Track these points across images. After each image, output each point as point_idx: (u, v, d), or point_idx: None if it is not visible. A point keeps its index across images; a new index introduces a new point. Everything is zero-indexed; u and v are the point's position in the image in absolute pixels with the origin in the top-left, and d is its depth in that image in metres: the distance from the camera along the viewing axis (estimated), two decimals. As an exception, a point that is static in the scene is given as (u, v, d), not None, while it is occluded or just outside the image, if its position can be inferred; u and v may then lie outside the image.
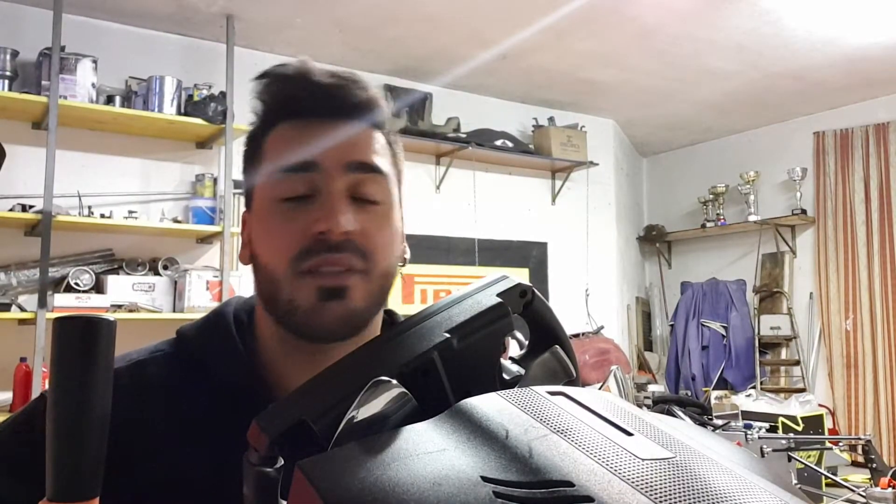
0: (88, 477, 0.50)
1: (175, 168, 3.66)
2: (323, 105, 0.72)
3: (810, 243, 5.08)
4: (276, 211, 0.70)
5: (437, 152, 4.47)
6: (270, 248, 0.71)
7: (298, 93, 0.72)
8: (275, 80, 0.74)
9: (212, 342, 0.76)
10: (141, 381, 0.74)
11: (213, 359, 0.75)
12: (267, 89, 0.74)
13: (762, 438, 2.70)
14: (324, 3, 3.45)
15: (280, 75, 0.74)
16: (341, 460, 0.39)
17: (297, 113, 0.73)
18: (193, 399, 0.73)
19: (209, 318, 0.79)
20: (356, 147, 0.72)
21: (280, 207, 0.70)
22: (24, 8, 3.36)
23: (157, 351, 0.78)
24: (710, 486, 0.34)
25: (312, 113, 0.72)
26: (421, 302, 4.38)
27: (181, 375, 0.74)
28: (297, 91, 0.72)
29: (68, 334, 0.51)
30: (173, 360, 0.76)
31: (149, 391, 0.73)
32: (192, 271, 3.36)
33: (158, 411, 0.71)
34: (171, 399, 0.73)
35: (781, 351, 5.17)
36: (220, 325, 0.77)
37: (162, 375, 0.74)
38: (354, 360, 0.51)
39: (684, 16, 3.60)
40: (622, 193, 5.58)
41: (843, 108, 4.91)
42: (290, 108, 0.73)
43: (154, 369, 0.75)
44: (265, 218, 0.72)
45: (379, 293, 0.72)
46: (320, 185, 0.69)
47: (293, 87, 0.73)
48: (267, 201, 0.71)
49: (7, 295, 3.15)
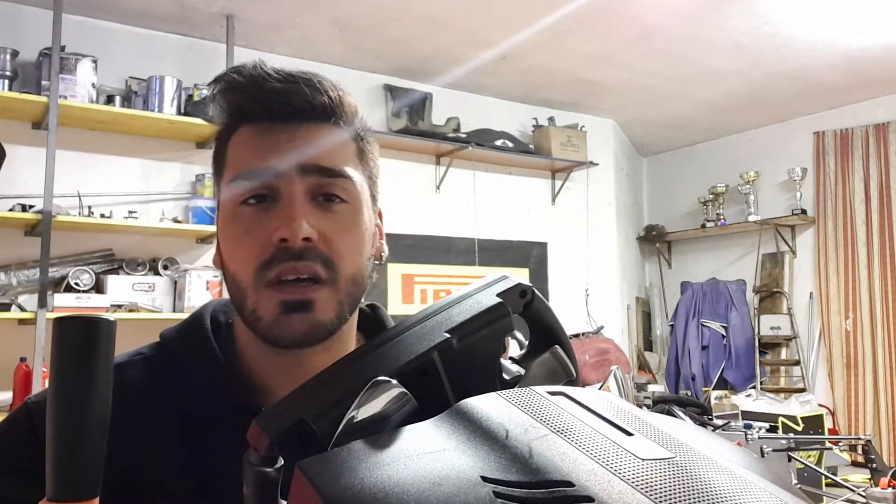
0: (88, 477, 0.50)
1: (175, 168, 3.66)
2: (279, 109, 0.71)
3: (810, 243, 5.08)
4: (238, 217, 0.70)
5: (437, 152, 4.47)
6: (235, 256, 0.71)
7: (250, 99, 0.71)
8: (228, 86, 0.73)
9: (189, 345, 0.77)
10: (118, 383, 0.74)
11: (190, 362, 0.75)
12: (223, 95, 0.73)
13: (762, 438, 2.70)
14: (324, 3, 3.45)
15: (231, 82, 0.72)
16: (341, 460, 0.39)
17: (254, 117, 0.72)
18: (171, 401, 0.73)
19: (188, 320, 0.80)
20: (314, 150, 0.70)
21: (241, 212, 0.70)
22: (24, 8, 3.36)
23: (137, 354, 0.78)
24: (711, 486, 0.34)
25: (269, 117, 0.71)
26: (421, 302, 4.38)
27: (160, 378, 0.75)
28: (249, 98, 0.71)
29: (68, 334, 0.51)
30: (153, 363, 0.77)
31: (126, 395, 0.72)
32: (192, 271, 3.36)
33: (135, 413, 0.71)
34: (148, 401, 0.73)
35: (781, 351, 5.17)
36: (198, 328, 0.78)
37: (139, 378, 0.75)
38: (354, 360, 0.51)
39: (684, 16, 3.60)
40: (622, 193, 5.58)
41: (843, 109, 4.91)
42: (246, 113, 0.72)
43: (132, 372, 0.75)
44: (229, 224, 0.71)
45: (347, 300, 0.71)
46: (280, 190, 0.69)
47: (245, 95, 0.71)
48: (229, 207, 0.71)
49: (7, 295, 3.15)
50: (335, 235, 0.69)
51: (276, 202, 0.69)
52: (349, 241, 0.71)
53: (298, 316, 0.67)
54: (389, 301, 4.26)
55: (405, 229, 4.30)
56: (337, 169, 0.71)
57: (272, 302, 0.67)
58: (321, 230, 0.68)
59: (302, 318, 0.67)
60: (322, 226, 0.69)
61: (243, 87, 0.71)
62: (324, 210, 0.70)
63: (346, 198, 0.71)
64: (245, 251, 0.69)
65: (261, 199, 0.69)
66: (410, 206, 4.36)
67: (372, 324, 0.82)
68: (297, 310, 0.67)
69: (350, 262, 0.70)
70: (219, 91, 0.73)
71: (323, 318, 0.68)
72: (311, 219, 0.68)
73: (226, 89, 0.73)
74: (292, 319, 0.67)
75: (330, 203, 0.70)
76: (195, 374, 0.74)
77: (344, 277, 0.70)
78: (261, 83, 0.70)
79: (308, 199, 0.69)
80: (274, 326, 0.68)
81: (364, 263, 0.73)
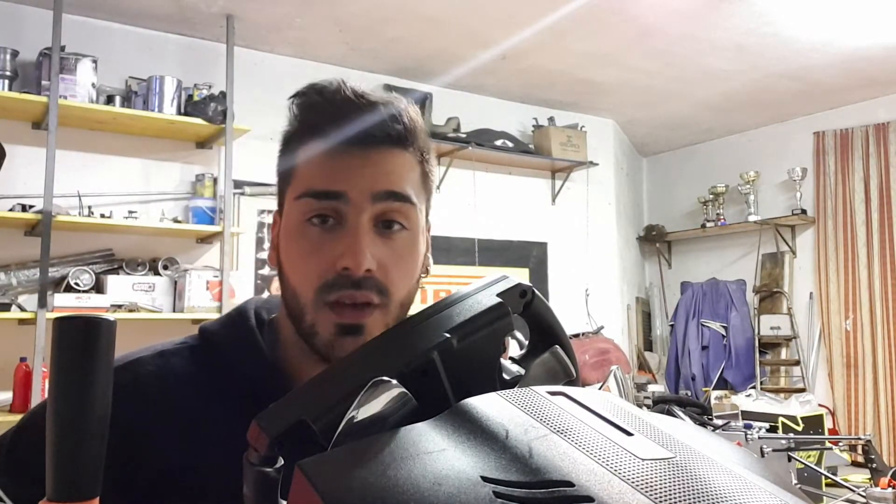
0: (88, 477, 0.50)
1: (175, 168, 3.66)
2: (358, 134, 0.72)
3: (810, 243, 5.08)
4: (304, 233, 0.73)
5: (437, 152, 4.46)
6: (297, 272, 0.74)
7: (332, 120, 0.73)
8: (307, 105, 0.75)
9: (234, 337, 0.79)
10: (164, 370, 0.77)
11: (234, 353, 0.78)
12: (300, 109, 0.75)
13: (762, 438, 2.70)
14: (324, 3, 3.45)
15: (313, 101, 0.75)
16: (341, 460, 0.39)
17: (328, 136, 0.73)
18: (215, 391, 0.75)
19: (231, 314, 0.82)
20: (385, 176, 0.72)
21: (308, 230, 0.72)
22: (24, 8, 3.36)
23: (183, 343, 0.81)
24: (711, 486, 0.34)
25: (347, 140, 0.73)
26: (421, 302, 4.36)
27: (205, 368, 0.77)
28: (331, 118, 0.73)
29: (68, 334, 0.51)
30: (198, 352, 0.79)
31: (172, 380, 0.76)
32: (191, 271, 3.36)
33: (181, 400, 0.74)
34: (194, 389, 0.75)
35: (781, 351, 5.17)
36: (242, 321, 0.81)
37: (186, 366, 0.77)
38: (354, 360, 0.51)
39: (684, 16, 3.60)
40: (622, 193, 5.58)
41: (843, 109, 4.91)
42: (322, 131, 0.74)
43: (178, 360, 0.78)
44: (294, 237, 0.74)
45: (394, 322, 0.74)
46: (347, 215, 0.71)
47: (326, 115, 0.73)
48: (295, 221, 0.74)
49: (7, 295, 3.15)
50: (392, 264, 0.72)
51: (341, 225, 0.71)
52: (404, 269, 0.74)
53: (351, 339, 0.71)
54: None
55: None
56: (405, 194, 0.73)
57: (329, 322, 0.71)
58: (380, 259, 0.71)
59: (353, 340, 0.71)
60: (382, 254, 0.72)
61: (323, 109, 0.73)
62: (384, 237, 0.73)
63: (406, 225, 0.74)
64: (308, 270, 0.72)
65: (325, 220, 0.72)
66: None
67: None
68: (351, 332, 0.71)
69: (402, 288, 0.74)
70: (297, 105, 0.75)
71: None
72: (373, 248, 0.71)
73: (305, 106, 0.75)
74: (346, 342, 0.71)
75: (390, 230, 0.73)
76: (239, 366, 0.77)
77: (395, 302, 0.73)
78: (341, 107, 0.73)
79: (371, 225, 0.72)
80: (329, 346, 0.72)
81: (414, 287, 0.77)
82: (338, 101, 0.73)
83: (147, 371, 0.76)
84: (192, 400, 0.74)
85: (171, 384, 0.75)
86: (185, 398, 0.74)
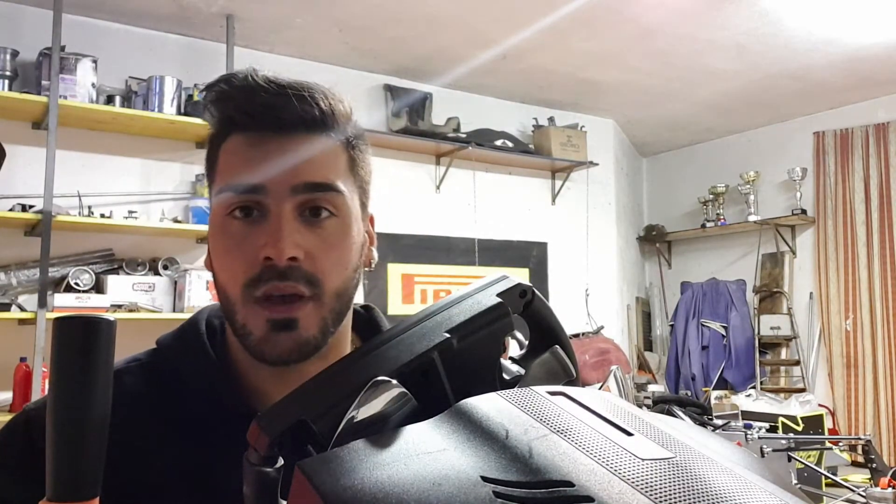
0: (88, 477, 0.50)
1: (175, 168, 3.66)
2: (267, 122, 0.70)
3: (810, 243, 5.08)
4: (227, 229, 0.70)
5: (436, 152, 4.47)
6: (224, 269, 0.71)
7: (240, 111, 0.71)
8: (217, 95, 0.72)
9: (185, 351, 0.77)
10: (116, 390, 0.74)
11: (186, 367, 0.76)
12: (214, 103, 0.73)
13: (762, 438, 2.70)
14: (324, 3, 3.45)
15: (221, 91, 0.72)
16: (341, 460, 0.39)
17: (244, 128, 0.71)
18: (169, 406, 0.74)
19: (184, 326, 0.80)
20: (305, 166, 0.70)
21: (230, 225, 0.70)
22: (24, 8, 3.36)
23: (133, 361, 0.79)
24: (710, 485, 0.34)
25: (258, 128, 0.71)
26: (421, 302, 4.38)
27: (156, 384, 0.76)
28: (239, 109, 0.71)
29: (68, 334, 0.51)
30: (149, 369, 0.78)
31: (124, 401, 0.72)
32: (191, 271, 3.36)
33: (134, 420, 0.72)
34: (144, 407, 0.74)
35: (781, 351, 5.17)
36: (193, 333, 0.78)
37: (137, 384, 0.75)
38: (354, 360, 0.51)
39: (684, 16, 3.60)
40: (622, 193, 5.58)
41: (843, 109, 4.91)
42: (238, 122, 0.72)
43: (129, 378, 0.76)
44: (218, 235, 0.72)
45: (331, 315, 0.71)
46: (268, 206, 0.69)
47: (234, 106, 0.71)
48: (219, 217, 0.71)
49: (7, 295, 3.15)
50: (321, 252, 0.70)
51: (263, 217, 0.69)
52: (335, 257, 0.71)
53: (284, 335, 0.68)
54: (389, 301, 4.26)
55: (405, 229, 4.30)
56: (327, 183, 0.71)
57: (260, 319, 0.68)
58: (307, 247, 0.69)
59: (287, 336, 0.68)
60: (308, 243, 0.69)
61: (233, 98, 0.71)
62: (311, 226, 0.70)
63: (334, 212, 0.71)
64: (233, 265, 0.70)
65: (248, 212, 0.70)
66: (410, 206, 4.36)
67: (365, 324, 0.83)
68: (284, 328, 0.68)
69: (335, 278, 0.71)
70: (209, 100, 0.73)
71: (307, 334, 0.69)
72: (298, 236, 0.68)
73: (216, 99, 0.72)
74: (279, 338, 0.68)
75: (317, 218, 0.70)
76: (191, 378, 0.75)
77: (328, 293, 0.70)
78: (251, 94, 0.70)
79: (296, 214, 0.69)
80: (262, 343, 0.69)
81: (350, 276, 0.73)
82: (248, 90, 0.70)
83: None
84: (144, 418, 0.73)
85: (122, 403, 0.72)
86: (138, 414, 0.72)
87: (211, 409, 0.73)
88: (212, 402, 0.73)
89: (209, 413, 0.73)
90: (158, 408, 0.74)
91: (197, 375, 0.75)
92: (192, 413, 0.73)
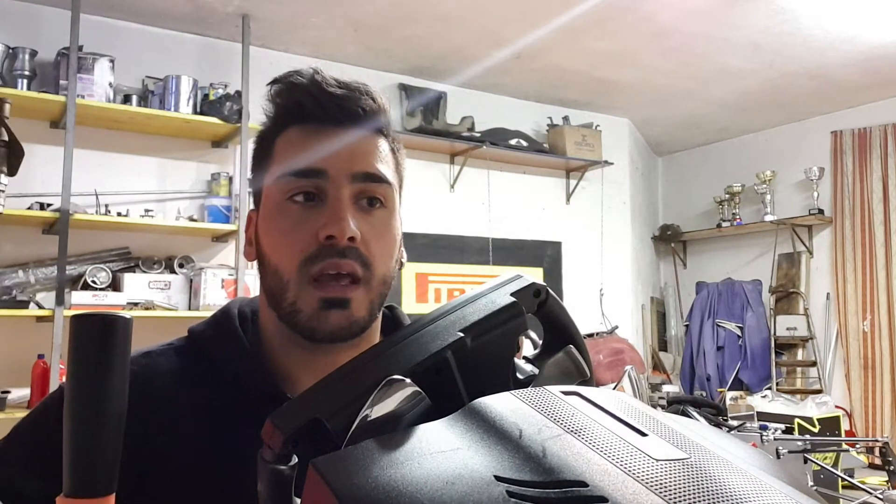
0: (105, 473, 0.50)
1: (191, 167, 3.68)
2: (332, 113, 0.75)
3: (827, 243, 5.04)
4: (285, 211, 0.74)
5: (451, 151, 4.47)
6: (279, 249, 0.74)
7: (310, 99, 0.75)
8: (288, 86, 0.77)
9: (218, 336, 0.80)
10: (149, 368, 0.77)
11: (219, 352, 0.78)
12: (280, 94, 0.77)
13: (778, 440, 2.68)
14: (339, 3, 3.46)
15: (293, 82, 0.76)
16: (355, 458, 0.39)
17: (307, 118, 0.75)
18: (200, 389, 0.76)
19: (216, 315, 0.83)
20: (363, 156, 0.75)
21: (288, 208, 0.73)
22: (42, 8, 3.39)
23: (169, 345, 0.81)
24: (725, 487, 0.34)
25: (322, 119, 0.75)
26: (435, 301, 4.39)
27: (190, 367, 0.78)
28: (309, 98, 0.75)
29: (85, 332, 0.51)
30: (182, 352, 0.80)
31: (156, 381, 0.76)
32: (207, 269, 3.38)
33: (165, 399, 0.74)
34: (178, 388, 0.76)
35: (798, 352, 5.13)
36: (226, 320, 0.81)
37: (169, 366, 0.78)
38: (368, 358, 0.51)
39: (700, 14, 3.58)
40: (637, 193, 5.56)
41: (861, 107, 4.86)
42: (301, 113, 0.76)
43: (163, 360, 0.78)
44: (274, 217, 0.75)
45: (378, 299, 0.75)
46: (327, 191, 0.73)
47: (305, 94, 0.75)
48: (275, 201, 0.75)
49: (25, 292, 3.18)
50: (373, 238, 0.73)
51: (322, 202, 0.73)
52: (383, 244, 0.75)
53: (336, 312, 0.71)
54: (404, 300, 4.27)
55: (419, 228, 4.31)
56: (381, 175, 0.75)
57: (313, 298, 0.71)
58: (362, 232, 0.72)
59: (339, 314, 0.71)
60: (363, 228, 0.73)
61: (305, 88, 0.75)
62: (365, 213, 0.74)
63: (385, 203, 0.76)
64: (290, 245, 0.72)
65: (308, 198, 0.73)
66: (424, 205, 4.36)
67: (390, 324, 0.85)
68: (336, 306, 0.71)
69: (383, 264, 0.75)
70: (278, 89, 0.77)
71: (357, 315, 0.72)
72: (355, 221, 0.72)
73: (287, 88, 0.77)
74: (331, 315, 0.71)
75: (371, 207, 0.75)
76: (223, 363, 0.77)
77: (377, 278, 0.74)
78: (322, 86, 0.75)
79: (352, 201, 0.73)
80: (313, 320, 0.72)
81: (392, 266, 0.77)
82: (319, 82, 0.75)
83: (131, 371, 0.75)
84: (177, 393, 0.75)
85: (156, 380, 0.76)
86: (169, 392, 0.75)
87: (241, 391, 0.75)
88: (243, 384, 0.75)
89: (240, 395, 0.75)
90: (190, 387, 0.76)
91: (229, 359, 0.77)
92: (223, 394, 0.75)
